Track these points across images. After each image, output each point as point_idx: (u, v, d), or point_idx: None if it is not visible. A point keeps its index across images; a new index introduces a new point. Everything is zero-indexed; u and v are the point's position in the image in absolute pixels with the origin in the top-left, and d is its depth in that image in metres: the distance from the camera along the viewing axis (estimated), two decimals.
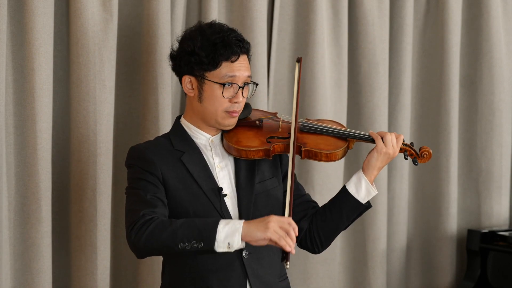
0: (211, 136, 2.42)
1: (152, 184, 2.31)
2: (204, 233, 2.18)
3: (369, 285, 3.52)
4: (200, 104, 2.38)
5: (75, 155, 2.81)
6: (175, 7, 3.00)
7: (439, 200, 3.69)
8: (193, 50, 2.35)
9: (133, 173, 2.35)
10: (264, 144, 2.39)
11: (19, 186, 2.70)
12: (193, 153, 2.38)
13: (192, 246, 2.19)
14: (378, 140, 2.43)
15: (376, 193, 2.46)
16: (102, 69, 2.80)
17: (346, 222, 2.48)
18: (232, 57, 2.34)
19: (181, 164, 2.35)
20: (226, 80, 2.34)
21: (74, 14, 2.75)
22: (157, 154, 2.34)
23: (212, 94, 2.35)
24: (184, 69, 2.38)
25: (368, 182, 2.44)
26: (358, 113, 3.50)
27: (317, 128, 2.47)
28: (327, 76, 3.35)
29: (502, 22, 3.77)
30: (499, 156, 3.79)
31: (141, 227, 2.21)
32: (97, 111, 2.79)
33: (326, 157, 2.42)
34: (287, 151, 2.41)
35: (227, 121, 2.39)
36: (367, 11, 3.44)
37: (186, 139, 2.40)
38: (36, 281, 2.70)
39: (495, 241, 3.61)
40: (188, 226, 2.20)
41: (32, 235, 2.70)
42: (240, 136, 2.41)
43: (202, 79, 2.35)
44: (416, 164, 2.49)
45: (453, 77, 3.65)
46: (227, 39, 2.34)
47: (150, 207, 2.26)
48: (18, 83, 2.69)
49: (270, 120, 2.49)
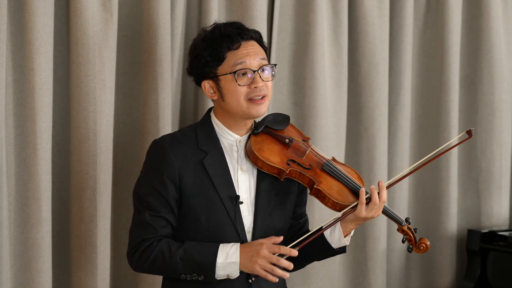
0: (240, 136, 2.42)
1: (163, 198, 2.33)
2: (204, 269, 2.29)
3: (369, 285, 3.52)
4: (224, 103, 2.38)
5: (75, 155, 2.81)
6: (175, 7, 3.00)
7: (439, 200, 3.69)
8: (198, 54, 2.38)
9: (149, 177, 2.35)
10: (282, 164, 2.37)
11: (19, 186, 2.70)
12: (217, 155, 2.38)
13: (193, 277, 2.31)
14: (360, 206, 2.38)
15: (346, 244, 2.45)
16: (102, 69, 2.79)
17: (316, 257, 2.51)
18: (234, 45, 2.35)
19: (202, 167, 2.35)
20: (237, 68, 2.34)
21: (74, 14, 2.75)
22: (179, 155, 2.34)
23: (229, 87, 2.36)
24: (199, 76, 2.41)
25: (341, 232, 2.42)
26: (358, 113, 3.50)
27: (338, 173, 2.43)
28: (327, 76, 3.35)
29: (502, 22, 3.77)
30: (499, 156, 3.79)
31: (142, 254, 2.33)
32: (97, 111, 2.79)
33: (332, 204, 2.40)
34: (301, 180, 2.39)
35: (254, 110, 2.36)
36: (367, 11, 3.44)
37: (212, 137, 2.40)
38: (36, 281, 2.70)
39: (495, 241, 3.61)
40: (187, 261, 2.29)
41: (32, 235, 2.70)
42: (265, 146, 2.39)
43: (216, 77, 2.37)
44: (410, 251, 2.49)
45: (453, 77, 3.65)
46: (225, 31, 2.36)
47: (152, 231, 2.33)
48: (18, 83, 2.69)
49: (300, 143, 2.46)
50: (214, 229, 2.35)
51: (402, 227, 2.47)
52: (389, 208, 2.47)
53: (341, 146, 3.42)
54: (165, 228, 2.35)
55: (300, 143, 2.46)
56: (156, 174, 2.33)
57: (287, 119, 2.48)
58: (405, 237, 2.47)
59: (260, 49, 2.39)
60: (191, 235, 2.36)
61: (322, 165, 2.43)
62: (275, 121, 2.46)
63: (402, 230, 2.48)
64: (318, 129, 3.31)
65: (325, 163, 2.43)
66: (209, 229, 2.35)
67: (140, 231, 2.34)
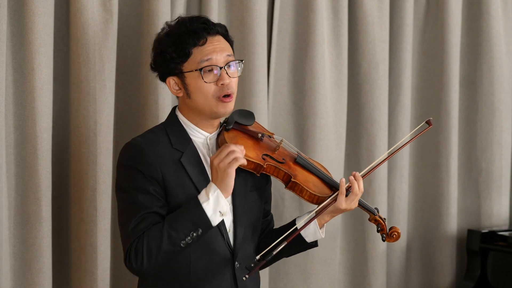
0: (209, 134, 2.37)
1: (150, 195, 2.24)
2: (197, 220, 2.20)
3: (369, 285, 3.52)
4: (190, 100, 2.31)
5: (75, 155, 2.81)
6: (175, 7, 3.00)
7: (439, 200, 3.69)
8: (162, 50, 2.31)
9: (132, 180, 2.26)
10: (259, 159, 2.33)
11: (19, 186, 2.70)
12: (192, 154, 2.32)
13: (193, 237, 2.21)
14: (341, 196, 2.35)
15: (322, 237, 2.41)
16: (102, 69, 2.79)
17: (287, 253, 2.45)
18: (200, 41, 2.27)
19: (181, 166, 2.29)
20: (203, 65, 2.27)
21: (74, 14, 2.76)
22: (158, 155, 2.27)
23: (196, 84, 2.29)
24: (163, 72, 2.34)
25: (317, 225, 2.38)
26: (358, 113, 3.50)
27: (311, 166, 2.41)
28: (327, 76, 3.35)
29: (502, 22, 3.77)
30: (499, 156, 3.79)
31: (136, 252, 2.22)
32: (97, 111, 2.79)
33: (309, 197, 2.36)
34: (275, 175, 2.35)
35: (221, 109, 2.30)
36: (367, 11, 3.44)
37: (184, 136, 2.34)
38: (36, 281, 2.70)
39: (495, 241, 3.61)
40: (177, 224, 2.20)
41: (32, 235, 2.70)
42: (239, 141, 2.34)
43: (182, 74, 2.30)
44: (383, 240, 2.47)
45: (453, 77, 3.65)
46: (190, 27, 2.28)
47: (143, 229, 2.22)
48: (18, 83, 2.69)
49: (268, 138, 2.43)
50: None
51: (375, 217, 2.46)
52: (361, 199, 2.45)
53: (341, 146, 3.42)
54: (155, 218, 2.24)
55: (268, 138, 2.42)
56: (140, 173, 2.24)
57: (253, 115, 2.43)
58: (378, 226, 2.46)
59: (226, 45, 2.32)
60: None
61: (295, 159, 2.40)
62: (243, 117, 2.41)
63: (375, 219, 2.46)
64: (318, 129, 3.31)
65: (298, 156, 2.41)
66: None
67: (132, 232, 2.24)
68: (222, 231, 2.30)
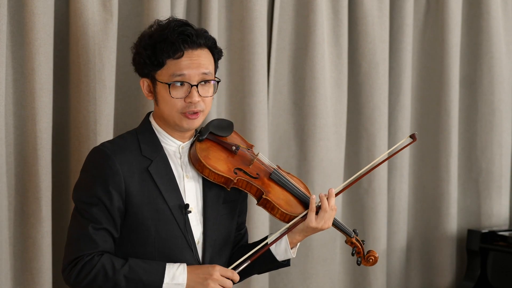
0: (182, 143, 2.29)
1: (107, 209, 2.17)
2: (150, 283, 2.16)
3: (369, 285, 3.52)
4: (158, 108, 2.25)
5: (75, 155, 2.81)
6: (175, 7, 3.00)
7: (439, 200, 3.69)
8: (139, 51, 2.24)
9: (91, 190, 2.19)
10: (230, 173, 2.25)
11: (19, 186, 2.70)
12: (161, 163, 2.24)
13: None
14: (311, 213, 2.28)
15: (293, 257, 2.34)
16: (102, 69, 2.79)
17: (257, 270, 2.40)
18: (176, 54, 2.18)
19: (148, 174, 2.21)
20: (174, 79, 2.19)
21: (74, 14, 2.76)
22: (124, 163, 2.19)
23: (164, 95, 2.21)
24: (138, 72, 2.28)
25: (288, 243, 2.32)
26: (358, 113, 3.50)
27: (286, 183, 2.33)
28: (327, 76, 3.35)
29: (502, 22, 3.77)
30: (499, 156, 3.79)
31: (81, 270, 2.18)
32: (97, 111, 2.79)
33: (280, 215, 2.30)
34: (248, 190, 2.28)
35: (185, 123, 2.22)
36: (367, 11, 3.44)
37: (155, 144, 2.26)
38: (36, 281, 2.70)
39: (495, 241, 3.61)
40: (132, 280, 2.16)
41: (32, 235, 2.70)
42: (211, 153, 2.27)
43: (154, 80, 2.23)
44: (358, 264, 2.42)
45: (453, 77, 3.65)
46: (170, 36, 2.18)
47: (94, 245, 2.17)
48: (18, 83, 2.69)
49: (245, 151, 2.35)
50: (164, 241, 2.22)
51: (351, 239, 2.40)
52: (338, 219, 2.39)
53: (341, 146, 3.42)
54: (107, 243, 2.19)
55: (245, 151, 2.34)
56: (100, 184, 2.18)
57: (231, 125, 2.36)
58: (354, 250, 2.40)
59: (206, 60, 2.22)
60: (139, 249, 2.23)
61: (270, 174, 2.32)
62: (220, 127, 2.34)
63: (351, 242, 2.40)
64: (318, 129, 3.31)
65: (272, 171, 2.32)
66: (159, 241, 2.22)
67: (80, 245, 2.18)
68: (190, 243, 2.25)
